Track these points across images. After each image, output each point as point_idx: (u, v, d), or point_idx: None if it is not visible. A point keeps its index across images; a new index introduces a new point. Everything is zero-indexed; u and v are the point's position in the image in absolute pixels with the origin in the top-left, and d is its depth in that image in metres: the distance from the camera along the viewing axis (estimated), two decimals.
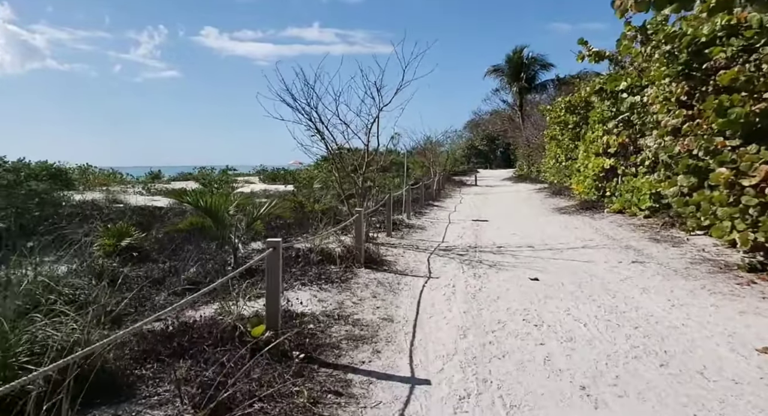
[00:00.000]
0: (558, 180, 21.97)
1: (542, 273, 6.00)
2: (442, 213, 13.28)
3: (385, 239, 8.79)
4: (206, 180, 14.35)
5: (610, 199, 12.26)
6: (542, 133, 28.95)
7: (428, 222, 11.46)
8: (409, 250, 7.76)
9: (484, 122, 53.60)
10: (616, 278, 5.64)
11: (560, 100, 19.61)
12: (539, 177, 29.31)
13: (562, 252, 7.37)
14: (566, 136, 19.66)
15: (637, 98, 9.27)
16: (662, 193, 9.19)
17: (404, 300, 4.92)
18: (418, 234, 9.68)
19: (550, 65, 40.79)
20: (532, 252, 7.43)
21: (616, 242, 8.01)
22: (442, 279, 5.82)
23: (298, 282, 5.26)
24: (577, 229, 9.74)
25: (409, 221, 11.30)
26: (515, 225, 10.68)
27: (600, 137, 12.58)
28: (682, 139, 7.60)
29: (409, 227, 10.38)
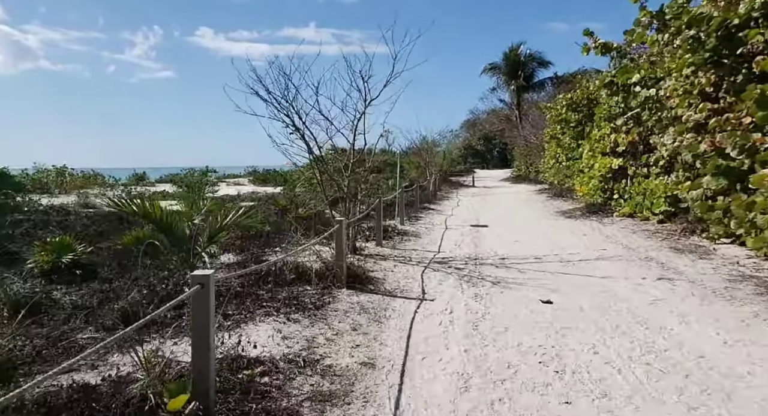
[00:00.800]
0: (558, 181, 21.12)
1: (555, 294, 5.11)
2: (438, 218, 12.38)
3: (375, 249, 7.88)
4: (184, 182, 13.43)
5: (619, 201, 11.40)
6: (541, 132, 28.14)
7: (423, 228, 10.55)
8: (401, 263, 6.85)
9: (481, 122, 52.78)
10: (644, 300, 4.75)
11: (561, 97, 18.75)
12: (538, 177, 28.47)
13: (573, 265, 6.48)
14: (567, 135, 18.80)
15: (652, 91, 8.40)
16: (680, 196, 8.33)
17: (391, 334, 4.01)
18: (412, 242, 8.77)
19: (548, 63, 40.02)
20: (539, 265, 6.54)
21: (633, 252, 7.12)
22: (438, 303, 4.91)
23: (262, 309, 4.34)
24: (585, 236, 8.86)
25: (402, 227, 10.39)
26: (517, 231, 9.79)
27: (607, 135, 11.71)
28: (707, 135, 6.73)
29: (402, 234, 9.47)
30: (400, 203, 11.06)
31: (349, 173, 7.36)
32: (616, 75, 9.20)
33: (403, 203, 11.36)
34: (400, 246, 8.35)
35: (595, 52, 11.04)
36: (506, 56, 39.99)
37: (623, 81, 8.99)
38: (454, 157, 42.51)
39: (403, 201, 11.35)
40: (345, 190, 7.34)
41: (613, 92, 10.36)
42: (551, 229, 9.89)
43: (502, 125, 44.14)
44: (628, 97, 9.11)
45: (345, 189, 7.35)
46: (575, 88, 18.30)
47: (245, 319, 4.07)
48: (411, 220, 11.66)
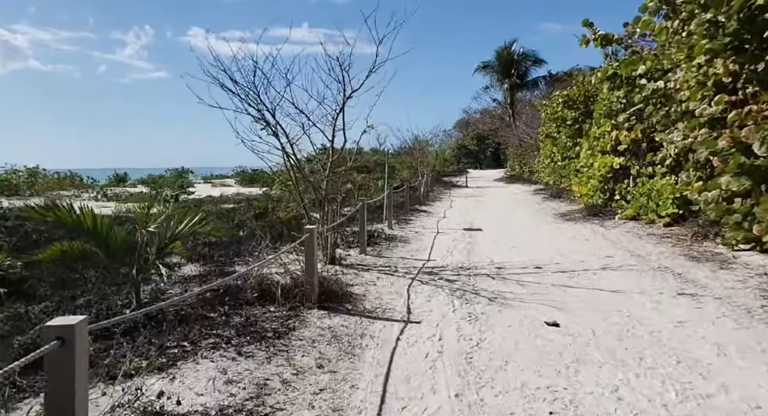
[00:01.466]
0: (554, 181, 20.49)
1: (561, 313, 4.39)
2: (429, 221, 11.65)
3: (358, 258, 7.13)
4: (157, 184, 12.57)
5: (621, 203, 10.73)
6: (535, 131, 27.54)
7: (413, 232, 9.81)
8: (386, 274, 6.10)
9: (474, 121, 52.19)
10: (667, 322, 4.03)
11: (557, 94, 18.11)
12: (532, 177, 27.86)
13: (579, 276, 5.76)
14: (564, 134, 18.16)
15: (659, 84, 7.71)
16: (690, 197, 7.65)
17: (366, 372, 3.26)
18: (400, 249, 8.02)
19: (542, 61, 39.48)
20: (540, 277, 5.81)
21: (643, 260, 6.42)
22: (425, 326, 4.17)
23: (210, 340, 3.57)
24: (588, 241, 8.16)
25: (390, 231, 9.64)
26: (514, 235, 9.08)
27: (608, 133, 11.04)
28: (725, 130, 6.03)
29: (389, 240, 8.72)
30: (389, 205, 10.32)
31: (327, 173, 6.60)
32: (620, 67, 8.53)
33: (392, 205, 10.62)
34: (386, 253, 7.60)
35: (594, 45, 10.38)
36: (499, 54, 39.38)
37: (627, 73, 8.33)
38: (447, 156, 41.85)
39: (392, 203, 10.61)
40: (323, 193, 6.57)
41: (615, 86, 9.69)
42: (550, 233, 9.18)
43: (495, 124, 43.55)
44: (632, 90, 8.44)
45: (323, 191, 6.58)
46: (571, 85, 17.67)
47: (185, 355, 3.29)
48: (400, 224, 10.91)
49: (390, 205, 10.34)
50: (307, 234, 4.43)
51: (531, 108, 34.95)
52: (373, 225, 10.31)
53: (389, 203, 10.33)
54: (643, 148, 10.24)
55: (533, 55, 39.09)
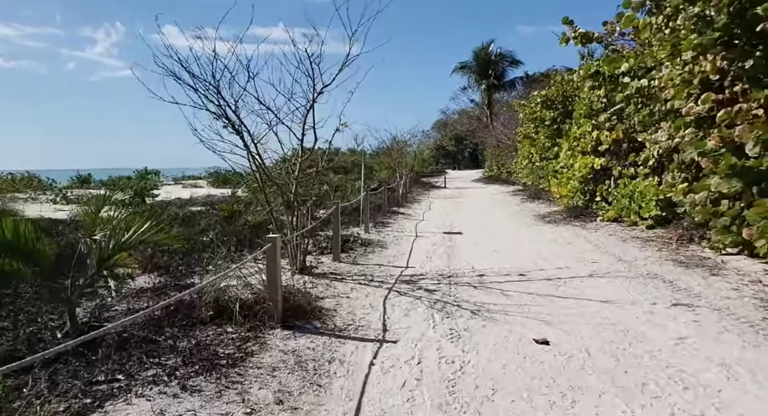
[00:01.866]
0: (533, 182, 20.37)
1: (550, 328, 4.01)
2: (408, 224, 11.24)
3: (331, 266, 6.65)
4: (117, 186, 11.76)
5: (602, 205, 10.52)
6: (513, 132, 27.48)
7: (391, 236, 9.38)
8: (361, 284, 5.64)
9: (452, 122, 52.17)
10: (666, 339, 3.69)
11: (536, 93, 17.95)
12: (510, 178, 27.79)
13: (565, 284, 5.42)
14: (542, 134, 18.00)
15: (643, 82, 7.47)
16: (675, 199, 7.42)
17: (333, 408, 2.79)
18: (377, 255, 7.58)
19: (519, 62, 39.61)
20: (525, 285, 5.45)
21: (629, 266, 6.12)
22: (403, 346, 3.73)
23: (150, 372, 3.05)
24: (570, 245, 7.87)
25: (367, 236, 9.19)
26: (495, 238, 8.74)
27: (588, 133, 10.82)
28: (714, 130, 5.78)
29: (365, 245, 8.27)
30: (365, 208, 9.87)
31: (297, 174, 6.10)
32: (603, 64, 8.28)
33: (369, 208, 10.17)
34: (362, 260, 7.14)
35: (574, 43, 10.13)
36: (477, 55, 39.36)
37: (610, 71, 8.08)
38: (426, 157, 41.66)
39: (369, 205, 10.16)
40: (292, 196, 6.08)
41: (596, 85, 9.45)
42: (532, 236, 8.87)
43: (473, 125, 43.54)
44: (615, 89, 8.19)
45: (291, 194, 6.08)
46: (549, 85, 17.54)
47: (117, 392, 2.77)
48: (377, 227, 10.47)
49: (367, 207, 9.89)
50: (269, 244, 3.94)
51: (508, 109, 35.01)
52: (349, 229, 9.85)
53: (366, 205, 9.88)
54: (624, 148, 10.05)
55: (510, 56, 39.25)
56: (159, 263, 6.26)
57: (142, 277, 5.80)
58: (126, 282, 5.51)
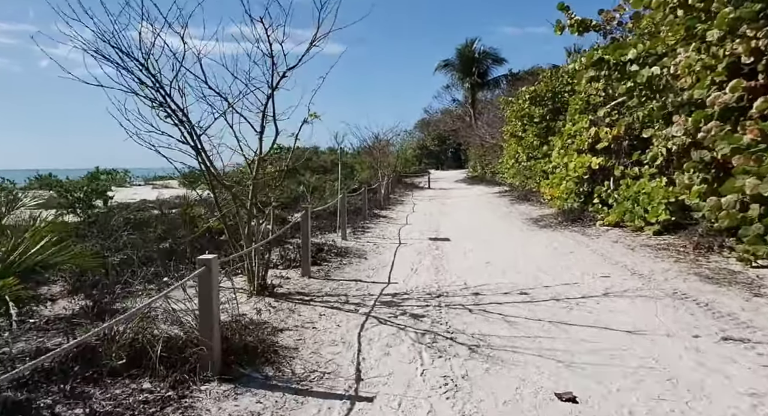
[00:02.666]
0: (520, 182, 19.63)
1: (571, 373, 3.09)
2: (390, 229, 10.27)
3: (299, 283, 5.64)
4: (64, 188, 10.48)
5: (600, 207, 9.71)
6: (498, 130, 26.79)
7: (371, 244, 8.39)
8: (332, 308, 4.65)
9: (435, 121, 51.45)
10: (736, 396, 2.78)
11: (524, 89, 17.18)
12: (495, 178, 27.08)
13: (578, 307, 4.52)
14: (530, 132, 17.25)
15: (655, 70, 6.63)
16: (688, 202, 6.60)
17: None
18: (354, 267, 6.59)
19: (503, 60, 39.02)
20: (530, 308, 4.53)
21: (648, 282, 5.26)
22: (381, 406, 2.76)
23: None
24: (573, 254, 7.00)
25: (343, 243, 8.19)
26: (487, 246, 7.83)
27: (585, 129, 10.01)
28: (748, 122, 4.94)
29: (341, 255, 7.27)
30: (343, 211, 8.86)
31: (255, 175, 5.08)
32: (607, 51, 7.43)
33: (347, 211, 9.17)
34: (336, 274, 6.15)
35: (570, 31, 9.33)
36: (460, 52, 38.63)
37: (615, 58, 7.25)
38: (408, 157, 40.81)
39: (346, 208, 9.17)
40: (249, 200, 5.04)
41: (595, 77, 8.62)
42: (527, 243, 7.99)
43: (456, 124, 42.82)
44: (620, 79, 7.33)
45: (249, 199, 5.05)
46: (538, 81, 16.78)
47: None
48: (357, 233, 9.48)
49: (344, 211, 8.89)
50: (201, 268, 2.91)
51: (493, 107, 34.35)
52: (324, 236, 8.84)
53: (344, 209, 8.88)
54: (625, 146, 9.25)
55: (494, 54, 38.63)
56: (89, 281, 5.16)
57: (63, 301, 4.71)
58: (40, 308, 4.42)
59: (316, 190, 17.62)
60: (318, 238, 8.56)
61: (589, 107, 10.01)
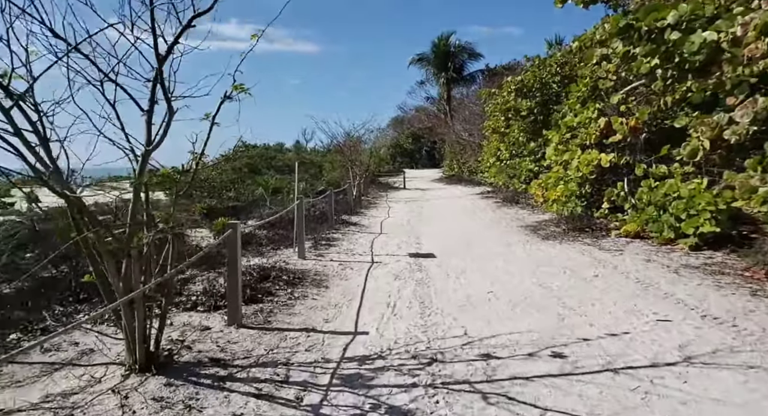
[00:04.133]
0: (503, 182, 18.11)
1: None
2: (361, 240, 8.46)
3: (221, 336, 3.78)
4: None
5: (611, 213, 8.15)
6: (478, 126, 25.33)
7: (335, 263, 6.56)
8: (257, 399, 2.82)
9: (409, 118, 49.83)
10: None
11: (509, 80, 15.63)
12: (474, 178, 25.59)
13: (656, 388, 2.82)
14: (516, 127, 15.72)
15: (709, 35, 5.01)
16: (748, 211, 5.01)
17: None
18: (308, 304, 4.76)
19: (479, 55, 37.54)
20: (579, 390, 2.82)
21: (738, 334, 3.61)
22: None
23: None
24: (599, 279, 5.34)
25: (300, 264, 6.35)
26: (483, 265, 6.12)
27: (592, 120, 8.42)
28: None
29: (294, 283, 5.42)
30: (300, 222, 6.99)
31: (137, 182, 3.19)
32: (639, 15, 5.80)
33: (304, 221, 7.32)
34: (281, 317, 4.31)
35: (575, 2, 7.69)
36: (435, 46, 36.99)
37: (649, 23, 5.63)
38: (383, 155, 39.06)
39: (304, 217, 7.31)
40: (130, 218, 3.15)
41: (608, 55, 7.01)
42: (534, 262, 6.31)
43: (431, 122, 41.26)
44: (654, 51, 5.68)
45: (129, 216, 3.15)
46: (524, 70, 15.25)
47: None
48: (319, 248, 7.63)
49: (302, 221, 7.02)
50: None
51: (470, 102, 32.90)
52: (278, 253, 6.99)
53: (301, 218, 7.01)
54: (641, 140, 7.70)
55: (470, 48, 37.12)
56: None
57: None
58: None
59: (279, 192, 15.67)
60: (268, 257, 6.68)
61: (595, 94, 8.46)
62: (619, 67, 7.60)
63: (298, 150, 22.87)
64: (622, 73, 7.76)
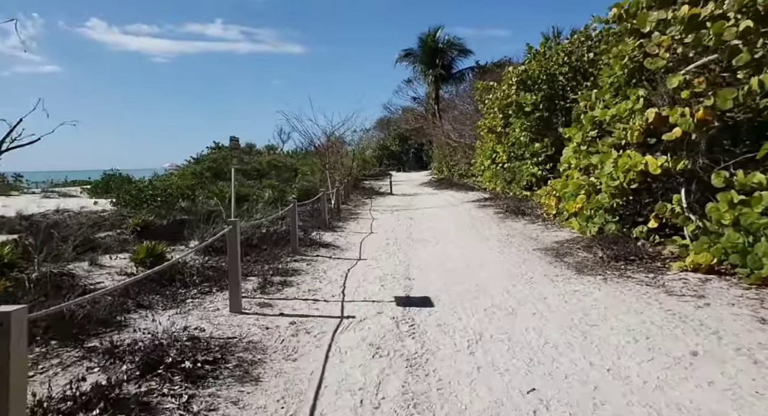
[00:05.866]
0: (501, 188, 16.14)
1: None
2: (331, 274, 6.32)
3: None
4: None
5: (658, 233, 6.16)
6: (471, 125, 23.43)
7: (284, 323, 4.39)
8: None
9: (396, 119, 47.86)
10: None
11: (511, 69, 13.65)
12: (467, 182, 23.62)
13: None
14: (517, 125, 13.74)
15: None
16: None
17: None
18: None
19: (469, 51, 35.66)
20: None
21: None
22: None
23: None
24: (701, 360, 3.30)
25: (228, 326, 4.19)
26: (510, 329, 4.02)
27: (638, 112, 6.42)
28: None
29: (200, 378, 3.25)
30: (233, 259, 4.79)
31: None
32: None
33: (239, 258, 5.16)
34: None
35: None
36: (423, 42, 34.98)
37: None
38: (367, 158, 36.97)
39: (239, 252, 5.16)
40: None
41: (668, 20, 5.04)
42: (581, 317, 4.24)
43: (418, 123, 39.31)
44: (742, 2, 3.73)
45: None
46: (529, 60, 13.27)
47: None
48: (267, 290, 5.45)
49: (237, 257, 4.85)
50: None
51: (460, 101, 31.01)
52: (203, 303, 4.85)
53: (236, 253, 4.84)
54: (706, 137, 5.71)
55: (459, 44, 35.20)
56: None
57: None
58: None
59: (246, 200, 13.44)
60: (186, 310, 4.52)
61: (637, 79, 6.48)
62: (675, 41, 5.61)
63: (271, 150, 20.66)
64: (678, 49, 5.76)
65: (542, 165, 13.14)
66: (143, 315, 4.37)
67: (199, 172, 15.77)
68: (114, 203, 13.80)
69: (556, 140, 12.49)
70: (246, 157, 19.58)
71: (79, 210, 13.38)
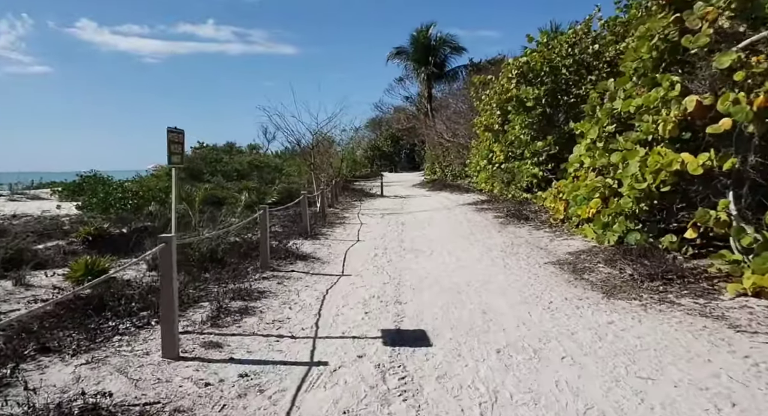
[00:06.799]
0: (498, 190, 15.13)
1: None
2: (304, 296, 5.21)
3: None
4: None
5: (719, 253, 5.14)
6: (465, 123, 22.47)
7: (231, 376, 3.29)
8: None
9: (387, 119, 46.77)
10: None
11: (511, 62, 12.62)
12: (462, 183, 22.60)
13: None
14: (517, 122, 12.71)
15: None
16: None
17: None
18: None
19: (462, 49, 34.61)
20: None
21: None
22: None
23: None
24: None
25: (151, 387, 3.07)
26: (537, 388, 2.94)
27: (674, 101, 5.39)
28: None
29: None
30: (167, 289, 3.68)
31: None
32: None
33: (175, 289, 4.05)
34: None
35: None
36: (415, 39, 33.91)
37: None
38: (358, 158, 35.87)
39: (175, 278, 4.05)
40: None
41: None
42: (626, 366, 3.19)
43: (411, 122, 38.24)
44: None
45: None
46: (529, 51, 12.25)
47: None
48: (220, 322, 4.33)
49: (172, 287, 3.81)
50: None
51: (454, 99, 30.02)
52: (135, 342, 3.73)
53: (170, 282, 3.81)
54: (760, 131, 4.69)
55: (452, 41, 34.15)
56: None
57: None
58: None
59: (222, 204, 12.28)
60: (99, 357, 3.41)
61: (668, 62, 5.47)
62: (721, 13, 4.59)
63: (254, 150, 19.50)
64: (724, 24, 4.75)
65: (544, 165, 12.15)
66: (41, 366, 3.25)
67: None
68: (79, 207, 12.59)
69: (560, 138, 11.49)
70: (225, 157, 18.35)
71: (39, 215, 12.16)
